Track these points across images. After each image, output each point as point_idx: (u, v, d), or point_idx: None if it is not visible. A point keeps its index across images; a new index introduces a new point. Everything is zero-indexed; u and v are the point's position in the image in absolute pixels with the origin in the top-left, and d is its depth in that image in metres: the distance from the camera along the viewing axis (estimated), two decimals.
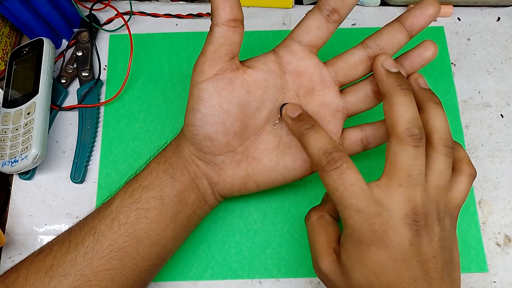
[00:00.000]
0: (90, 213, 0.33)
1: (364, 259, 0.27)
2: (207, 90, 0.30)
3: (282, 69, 0.32)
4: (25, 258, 0.32)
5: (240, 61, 0.31)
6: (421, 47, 0.32)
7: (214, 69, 0.30)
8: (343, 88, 0.33)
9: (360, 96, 0.32)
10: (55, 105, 0.42)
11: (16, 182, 0.41)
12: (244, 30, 0.45)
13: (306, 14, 0.31)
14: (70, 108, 0.43)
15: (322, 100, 0.32)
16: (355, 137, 0.33)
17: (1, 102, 0.42)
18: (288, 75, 0.32)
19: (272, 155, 0.32)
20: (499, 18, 0.45)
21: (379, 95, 0.32)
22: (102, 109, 0.43)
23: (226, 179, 0.32)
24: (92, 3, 0.45)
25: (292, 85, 0.32)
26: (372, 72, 0.32)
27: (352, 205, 0.26)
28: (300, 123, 0.29)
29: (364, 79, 0.33)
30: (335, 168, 0.27)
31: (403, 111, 0.27)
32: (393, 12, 0.45)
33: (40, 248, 0.32)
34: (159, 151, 0.34)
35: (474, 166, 0.41)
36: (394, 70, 0.29)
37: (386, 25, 0.31)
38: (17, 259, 0.38)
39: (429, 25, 0.45)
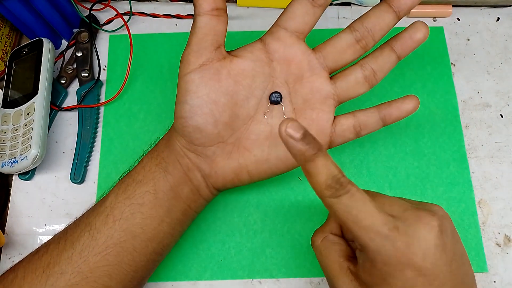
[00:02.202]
0: (86, 211, 0.33)
1: (391, 280, 0.25)
2: (193, 81, 0.30)
3: (270, 57, 0.31)
4: (23, 258, 0.32)
5: (227, 51, 0.31)
6: (411, 28, 0.31)
7: (200, 60, 0.30)
8: (333, 74, 0.33)
9: (350, 81, 0.32)
10: (55, 106, 0.42)
11: (16, 182, 0.41)
12: (244, 30, 0.45)
13: (291, 0, 0.31)
14: (70, 109, 0.43)
15: (311, 87, 0.32)
16: (347, 124, 0.32)
17: (1, 102, 0.42)
18: (276, 63, 0.31)
19: (264, 145, 0.32)
20: (498, 18, 0.45)
21: (370, 80, 0.32)
22: (102, 109, 0.43)
23: (218, 171, 0.32)
24: (92, 3, 0.45)
25: (281, 72, 0.32)
26: (362, 57, 0.32)
27: (370, 226, 0.24)
28: (306, 147, 0.24)
29: (354, 64, 0.32)
30: (346, 192, 0.24)
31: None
32: None
33: (37, 248, 0.32)
34: (152, 146, 0.34)
35: (474, 166, 0.41)
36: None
37: (373, 7, 0.31)
38: (17, 259, 0.38)
39: (428, 25, 0.45)
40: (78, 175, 0.41)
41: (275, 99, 0.32)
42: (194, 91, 0.30)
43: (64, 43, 0.46)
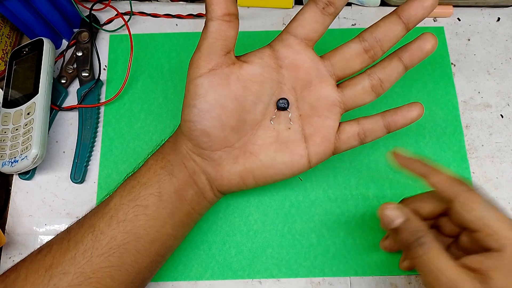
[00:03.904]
0: (89, 212, 0.33)
1: None
2: (203, 85, 0.30)
3: (278, 63, 0.31)
4: (25, 257, 0.32)
5: (236, 56, 0.31)
6: (420, 39, 0.31)
7: (209, 64, 0.30)
8: (340, 82, 0.33)
9: (358, 90, 0.32)
10: (55, 105, 0.42)
11: (16, 182, 0.41)
12: (245, 30, 0.45)
13: (301, 8, 0.31)
14: (70, 108, 0.43)
15: (318, 94, 0.32)
16: (352, 131, 0.33)
17: (1, 102, 0.42)
18: (284, 69, 0.32)
19: (270, 151, 0.32)
20: (499, 19, 0.45)
21: (377, 89, 0.32)
22: (102, 109, 0.43)
23: (224, 174, 0.32)
24: (92, 3, 0.45)
25: (289, 79, 0.32)
26: (369, 66, 0.32)
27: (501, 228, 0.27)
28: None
29: (361, 73, 0.32)
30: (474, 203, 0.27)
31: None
32: None
33: (40, 247, 0.32)
34: (157, 148, 0.34)
35: (474, 166, 0.41)
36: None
37: (383, 17, 0.31)
38: (17, 259, 0.38)
39: (429, 26, 0.46)
40: (78, 175, 0.41)
41: (282, 105, 0.32)
42: (203, 96, 0.30)
43: (65, 43, 0.46)
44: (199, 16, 0.46)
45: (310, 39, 0.31)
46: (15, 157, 0.39)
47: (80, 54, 0.44)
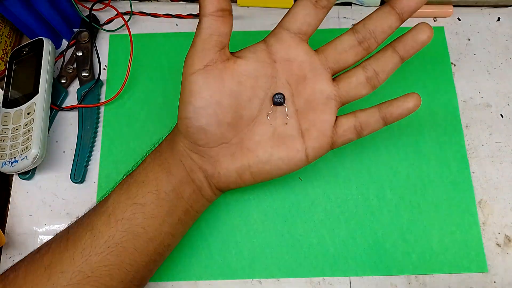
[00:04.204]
0: (88, 211, 0.33)
1: None
2: (197, 82, 0.29)
3: (272, 58, 0.31)
4: (24, 257, 0.32)
5: (230, 52, 0.31)
6: (415, 30, 0.30)
7: (204, 61, 0.29)
8: (335, 76, 0.32)
9: (353, 83, 0.32)
10: (55, 105, 0.42)
11: (16, 182, 0.41)
12: (245, 30, 0.45)
13: (295, 2, 0.31)
14: (70, 108, 0.43)
15: (314, 88, 0.32)
16: (348, 124, 0.32)
17: (1, 102, 0.42)
18: (278, 64, 0.31)
19: (267, 146, 0.32)
20: (499, 18, 0.45)
21: (372, 81, 0.32)
22: (102, 109, 0.43)
23: (222, 171, 0.32)
24: (92, 3, 0.45)
25: (283, 73, 0.32)
26: (364, 58, 0.32)
27: None
28: None
29: (356, 66, 0.32)
30: None
31: None
32: None
33: (39, 247, 0.32)
34: (155, 146, 0.34)
35: (474, 166, 0.42)
36: None
37: (376, 9, 0.31)
38: (17, 259, 0.38)
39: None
40: (78, 174, 0.41)
41: (278, 100, 0.32)
42: (198, 92, 0.30)
43: (65, 42, 0.46)
44: (199, 16, 0.46)
45: (304, 33, 0.31)
46: (15, 157, 0.39)
47: (80, 54, 0.44)
